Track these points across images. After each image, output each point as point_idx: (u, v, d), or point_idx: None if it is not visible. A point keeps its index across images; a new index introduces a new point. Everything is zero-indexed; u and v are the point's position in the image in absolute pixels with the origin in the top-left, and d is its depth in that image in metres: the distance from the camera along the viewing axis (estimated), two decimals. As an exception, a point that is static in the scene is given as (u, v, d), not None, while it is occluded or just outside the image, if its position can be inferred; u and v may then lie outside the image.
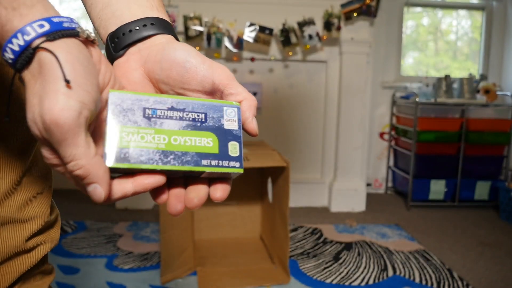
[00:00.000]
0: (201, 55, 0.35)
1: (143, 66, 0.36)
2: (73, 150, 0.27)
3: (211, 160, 0.31)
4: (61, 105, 0.26)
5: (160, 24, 0.38)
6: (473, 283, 1.61)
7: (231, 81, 0.34)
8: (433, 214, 2.49)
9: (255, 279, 1.57)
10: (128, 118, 0.30)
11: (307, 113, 2.57)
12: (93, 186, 0.28)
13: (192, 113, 0.32)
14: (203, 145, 0.32)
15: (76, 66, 0.27)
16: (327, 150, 2.58)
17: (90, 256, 1.74)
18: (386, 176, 2.95)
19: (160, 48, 0.35)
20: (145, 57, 0.36)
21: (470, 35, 3.17)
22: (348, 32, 2.38)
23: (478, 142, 2.55)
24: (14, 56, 0.27)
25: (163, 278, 1.53)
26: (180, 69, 0.34)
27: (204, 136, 0.32)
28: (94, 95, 0.28)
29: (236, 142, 0.33)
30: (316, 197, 2.59)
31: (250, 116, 0.34)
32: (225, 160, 0.32)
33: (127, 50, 0.37)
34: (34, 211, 0.45)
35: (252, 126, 0.34)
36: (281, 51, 2.41)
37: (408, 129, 2.61)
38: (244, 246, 1.88)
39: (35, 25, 0.27)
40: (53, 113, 0.26)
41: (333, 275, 1.65)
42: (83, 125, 0.27)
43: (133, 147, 0.30)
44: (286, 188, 1.53)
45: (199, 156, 0.31)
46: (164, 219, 1.52)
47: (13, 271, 0.44)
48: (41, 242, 0.47)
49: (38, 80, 0.27)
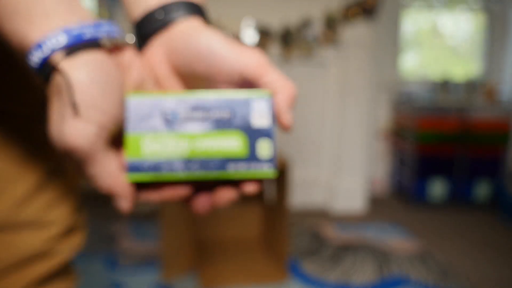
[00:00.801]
0: (230, 41, 0.31)
1: (169, 59, 0.32)
2: (93, 170, 0.27)
3: (239, 165, 0.29)
4: (77, 131, 0.25)
5: (186, 7, 0.33)
6: (473, 283, 1.61)
7: (263, 69, 0.29)
8: (433, 214, 2.49)
9: (255, 279, 1.57)
10: (147, 124, 0.28)
11: (307, 113, 2.57)
12: (117, 201, 0.29)
13: (216, 112, 0.29)
14: (229, 148, 0.28)
15: (92, 88, 0.26)
16: (327, 150, 2.58)
17: (90, 256, 1.75)
18: (386, 176, 2.95)
19: (183, 37, 0.31)
20: (169, 48, 0.32)
21: (470, 35, 3.17)
22: (348, 32, 2.38)
23: (478, 142, 2.55)
24: (36, 71, 0.27)
25: (163, 278, 1.53)
26: (205, 62, 0.30)
27: (231, 137, 0.29)
28: (113, 114, 0.27)
29: (268, 140, 0.29)
30: (316, 197, 2.59)
31: (285, 109, 0.29)
32: (255, 163, 0.29)
33: (151, 41, 0.33)
34: (57, 214, 0.44)
35: (286, 120, 0.29)
36: (281, 51, 2.41)
37: (408, 129, 2.61)
38: (244, 246, 1.88)
39: (51, 39, 0.25)
40: (69, 138, 0.25)
41: (333, 275, 1.65)
42: (102, 146, 0.27)
43: (154, 157, 0.28)
44: (286, 188, 1.54)
45: (225, 161, 0.28)
46: (164, 219, 1.52)
47: (31, 275, 0.43)
48: (63, 247, 0.46)
49: (58, 99, 0.26)
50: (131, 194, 0.29)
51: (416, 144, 2.52)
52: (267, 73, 0.29)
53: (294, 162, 2.56)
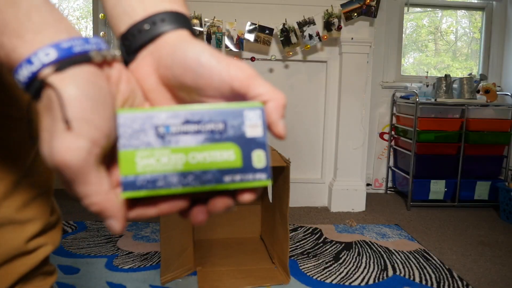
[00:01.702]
0: (217, 54, 0.30)
1: (157, 71, 0.32)
2: (84, 189, 0.26)
3: (234, 176, 0.29)
4: (69, 146, 0.24)
5: (172, 18, 0.33)
6: (473, 283, 1.61)
7: (253, 81, 0.29)
8: (433, 214, 2.49)
9: (255, 279, 1.57)
10: (141, 140, 0.28)
11: (307, 113, 2.57)
12: (108, 221, 0.27)
13: (209, 124, 0.29)
14: (224, 160, 0.28)
15: (83, 102, 0.25)
16: (327, 150, 2.58)
17: (90, 256, 1.74)
18: (386, 176, 2.95)
19: (170, 49, 0.31)
20: (157, 60, 0.32)
21: (470, 35, 3.17)
22: (348, 32, 2.38)
23: (478, 142, 2.55)
24: (24, 86, 0.26)
25: (163, 278, 1.53)
26: (193, 74, 0.30)
27: (225, 149, 0.29)
28: (105, 129, 0.26)
29: (261, 150, 0.29)
30: (316, 197, 2.59)
31: (277, 118, 0.29)
32: (249, 173, 0.29)
33: (138, 54, 0.33)
34: (33, 213, 0.45)
35: (279, 129, 0.29)
36: (281, 51, 2.41)
37: (408, 129, 2.61)
38: (244, 246, 1.88)
39: (41, 54, 0.25)
40: (60, 154, 0.24)
41: (333, 275, 1.65)
42: (93, 163, 0.26)
43: (149, 172, 0.28)
44: (286, 188, 1.53)
45: (220, 172, 0.28)
46: (164, 219, 1.52)
47: (13, 272, 0.43)
48: (42, 243, 0.47)
49: (49, 114, 0.26)
50: (123, 214, 0.28)
51: (416, 144, 2.52)
52: (257, 84, 0.29)
53: (294, 162, 2.56)
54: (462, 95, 2.63)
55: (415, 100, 2.47)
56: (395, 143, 2.88)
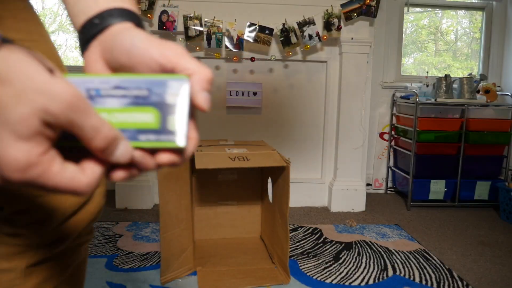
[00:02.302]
0: (151, 37, 0.35)
1: (102, 56, 0.37)
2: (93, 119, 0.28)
3: (149, 135, 0.32)
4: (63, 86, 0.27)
5: (119, 14, 0.38)
6: (473, 283, 1.61)
7: (181, 59, 0.33)
8: (433, 214, 2.49)
9: (255, 279, 1.57)
10: None
11: (307, 113, 2.57)
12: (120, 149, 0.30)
13: (135, 90, 0.32)
14: (143, 121, 0.32)
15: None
16: (327, 150, 2.58)
17: (90, 256, 1.74)
18: (386, 176, 2.95)
19: (113, 37, 0.36)
20: (102, 47, 0.37)
21: (470, 35, 3.17)
22: (348, 32, 2.38)
23: (478, 142, 2.55)
24: None
25: (163, 278, 1.53)
26: (128, 54, 0.34)
27: (145, 112, 0.32)
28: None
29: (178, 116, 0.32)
30: (316, 197, 2.59)
31: (199, 90, 0.33)
32: (163, 135, 0.32)
33: (90, 44, 0.38)
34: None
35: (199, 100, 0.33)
36: (281, 51, 2.41)
37: (408, 129, 2.61)
38: (244, 246, 1.88)
39: None
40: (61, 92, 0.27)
41: (333, 275, 1.65)
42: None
43: None
44: (286, 188, 1.53)
45: (137, 131, 0.32)
46: (164, 219, 1.52)
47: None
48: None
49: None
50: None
51: (416, 144, 2.52)
52: (184, 61, 0.33)
53: (294, 162, 2.56)
54: (462, 95, 2.63)
55: (415, 100, 2.47)
56: (395, 143, 2.88)
